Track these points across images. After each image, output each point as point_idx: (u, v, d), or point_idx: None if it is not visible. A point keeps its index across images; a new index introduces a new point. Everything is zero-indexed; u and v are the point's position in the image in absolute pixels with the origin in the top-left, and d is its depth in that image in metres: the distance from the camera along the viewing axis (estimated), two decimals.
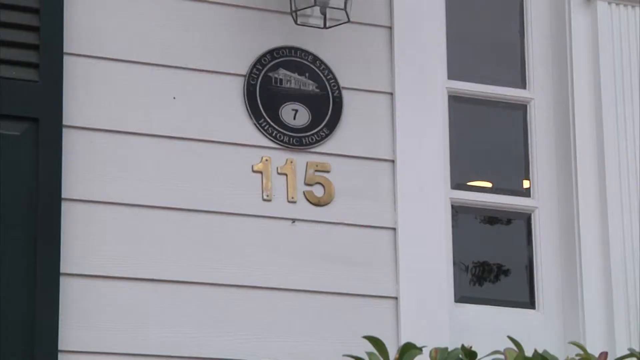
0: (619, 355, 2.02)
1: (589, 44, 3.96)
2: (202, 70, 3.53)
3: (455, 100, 3.88)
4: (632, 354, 1.83)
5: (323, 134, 3.60)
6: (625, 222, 3.83)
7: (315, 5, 3.48)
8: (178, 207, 3.42)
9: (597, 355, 1.81)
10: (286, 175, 3.54)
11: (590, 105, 3.90)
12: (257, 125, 3.53)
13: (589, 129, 3.88)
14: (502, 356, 1.79)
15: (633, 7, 3.95)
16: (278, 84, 3.58)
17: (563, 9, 3.99)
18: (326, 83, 3.63)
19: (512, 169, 4.02)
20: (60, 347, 3.19)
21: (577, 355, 1.80)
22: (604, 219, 3.82)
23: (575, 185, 3.85)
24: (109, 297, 3.31)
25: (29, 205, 3.27)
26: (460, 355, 1.91)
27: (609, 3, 3.94)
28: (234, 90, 3.55)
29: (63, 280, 3.24)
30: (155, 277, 3.35)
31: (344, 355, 2.57)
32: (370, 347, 1.80)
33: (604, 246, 3.81)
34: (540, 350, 1.79)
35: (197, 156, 3.48)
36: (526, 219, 3.93)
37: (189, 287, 3.38)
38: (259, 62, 3.58)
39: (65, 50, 3.36)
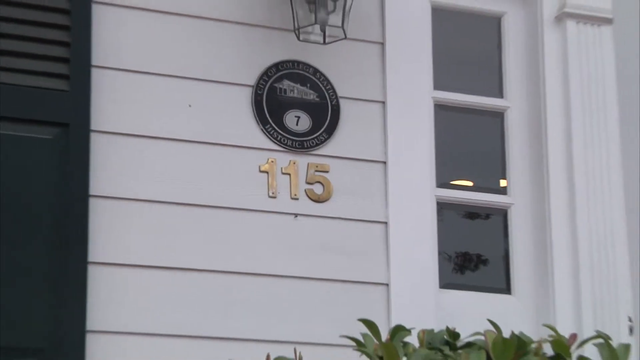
0: (586, 336, 2.01)
1: (559, 58, 3.97)
2: (215, 81, 3.52)
3: (440, 109, 3.88)
4: (599, 335, 1.82)
5: (322, 138, 3.59)
6: (592, 217, 3.83)
7: (315, 23, 3.49)
8: (193, 203, 3.42)
9: (567, 336, 1.80)
10: (289, 175, 3.54)
11: (560, 112, 3.91)
12: (264, 130, 3.52)
13: (559, 134, 3.89)
14: (482, 337, 1.78)
15: (598, 25, 3.98)
16: (282, 94, 3.58)
17: (536, 27, 4.01)
18: (325, 93, 3.63)
19: (491, 169, 4.00)
20: (87, 328, 3.20)
21: (549, 336, 1.79)
22: (573, 214, 3.82)
23: (547, 184, 3.87)
24: (131, 283, 3.31)
25: (60, 200, 3.27)
26: (445, 336, 1.89)
27: (577, 22, 3.96)
28: (243, 99, 3.54)
29: (90, 268, 3.25)
30: (172, 265, 3.36)
31: (340, 336, 2.53)
32: (365, 329, 1.80)
33: (573, 239, 3.81)
34: (516, 332, 1.78)
35: (210, 158, 3.48)
36: (503, 214, 3.93)
37: (202, 274, 3.38)
38: (266, 74, 3.58)
39: (92, 63, 3.37)
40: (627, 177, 3.81)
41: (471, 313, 3.55)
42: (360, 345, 1.68)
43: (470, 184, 3.97)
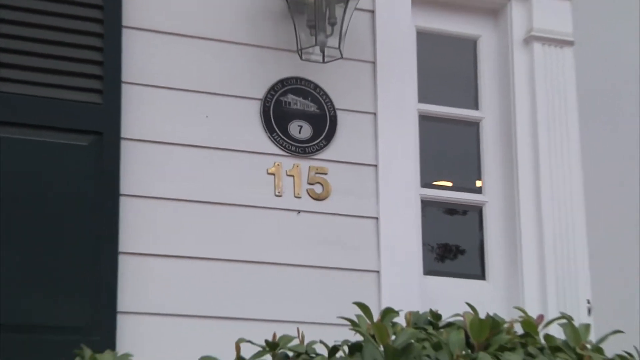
0: (551, 317, 2.00)
1: (527, 76, 3.98)
2: (229, 95, 3.52)
3: (424, 119, 3.89)
4: (563, 316, 1.82)
5: (322, 144, 3.59)
6: (555, 213, 3.84)
7: (315, 45, 3.51)
8: (209, 201, 3.42)
9: (535, 317, 1.79)
10: (293, 176, 3.54)
11: (528, 123, 3.93)
12: (271, 138, 3.52)
13: (527, 141, 3.91)
14: (461, 318, 1.77)
15: (561, 47, 3.99)
16: (287, 106, 3.58)
17: (507, 48, 4.02)
18: (324, 105, 3.63)
19: (468, 171, 4.00)
20: (118, 309, 3.22)
21: (520, 317, 1.77)
22: (538, 211, 3.84)
23: (516, 184, 3.88)
24: (156, 270, 3.32)
25: (94, 198, 3.27)
26: (429, 317, 1.87)
27: (543, 44, 3.96)
28: (253, 110, 3.54)
29: (121, 257, 3.26)
30: (191, 255, 3.36)
31: (337, 317, 2.53)
32: (359, 311, 1.80)
33: (539, 232, 3.83)
34: (491, 314, 1.77)
35: (224, 161, 3.47)
36: (478, 210, 3.94)
37: (217, 263, 3.39)
38: (272, 89, 3.57)
39: (122, 79, 3.38)
40: (586, 178, 3.82)
41: (451, 297, 3.55)
42: (354, 325, 1.67)
43: (450, 184, 3.97)
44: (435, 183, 3.90)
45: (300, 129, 3.58)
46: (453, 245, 3.97)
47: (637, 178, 3.96)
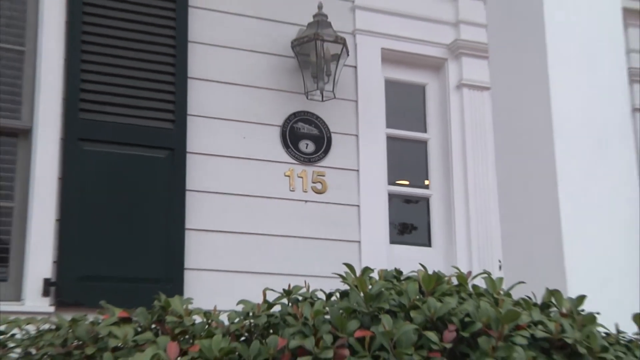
0: (476, 273, 1.89)
1: (459, 110, 3.93)
2: (259, 123, 3.53)
3: (390, 139, 3.88)
4: (484, 272, 1.75)
5: (321, 156, 3.58)
6: (477, 202, 3.82)
7: (317, 89, 3.55)
8: (246, 194, 3.43)
9: (465, 272, 1.70)
10: (302, 177, 3.53)
11: (459, 142, 3.90)
12: (287, 152, 3.53)
13: (458, 154, 3.89)
14: (416, 274, 1.72)
15: (481, 91, 3.90)
16: (297, 130, 3.57)
17: (445, 91, 3.98)
18: (323, 130, 3.62)
19: (420, 175, 3.97)
20: (185, 266, 3.22)
21: (455, 273, 1.70)
22: (466, 200, 3.83)
23: (451, 183, 3.87)
24: (210, 241, 3.32)
25: (169, 192, 3.27)
26: (394, 273, 1.82)
27: (469, 89, 3.94)
28: (275, 133, 3.55)
29: (187, 232, 3.27)
30: (234, 230, 3.37)
31: (332, 273, 2.49)
32: (346, 269, 1.77)
33: (466, 215, 3.81)
34: (436, 270, 1.70)
35: (256, 167, 3.47)
36: (427, 200, 3.93)
37: (252, 236, 3.39)
38: (288, 119, 3.57)
39: (188, 113, 3.38)
40: (500, 178, 3.86)
41: (408, 259, 3.56)
42: (344, 279, 1.63)
43: (407, 182, 3.96)
44: (397, 182, 3.89)
45: (307, 146, 3.58)
46: (409, 223, 3.95)
47: (539, 176, 3.90)
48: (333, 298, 1.63)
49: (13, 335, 1.64)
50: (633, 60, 4.15)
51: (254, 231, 3.40)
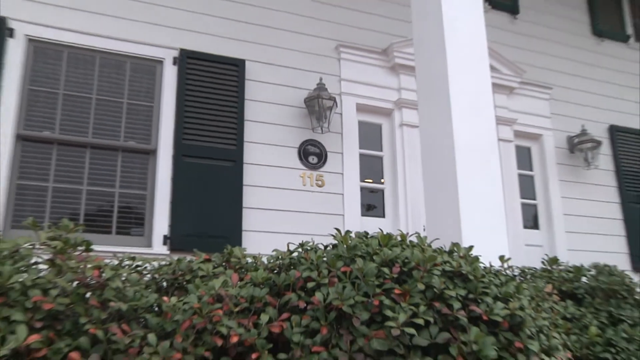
0: (411, 233, 1.67)
1: (400, 139, 3.68)
2: (285, 146, 3.51)
3: (362, 156, 3.74)
4: (416, 232, 1.64)
5: (321, 165, 3.54)
6: (410, 191, 3.62)
7: (319, 126, 3.55)
8: (278, 187, 3.40)
9: (405, 233, 1.75)
10: (310, 178, 3.50)
11: (401, 157, 3.69)
12: (301, 163, 3.50)
13: (401, 164, 3.67)
14: (376, 234, 1.56)
15: (412, 128, 3.73)
16: (308, 150, 3.54)
17: (393, 129, 3.73)
18: (322, 150, 3.58)
19: (378, 175, 3.78)
20: (243, 229, 3.18)
21: (399, 233, 1.54)
22: (404, 190, 3.60)
23: (396, 180, 3.68)
24: (257, 215, 3.26)
25: (233, 187, 3.17)
26: (364, 234, 1.66)
27: (407, 127, 3.73)
28: (294, 152, 3.51)
29: (244, 210, 3.23)
30: (270, 208, 3.32)
31: (328, 233, 2.70)
32: (335, 231, 1.60)
33: (405, 199, 3.59)
34: (388, 232, 1.71)
35: (283, 172, 3.43)
36: (382, 191, 3.74)
37: (279, 212, 3.32)
38: (302, 143, 3.55)
39: (244, 140, 3.38)
40: (425, 177, 3.63)
41: (372, 225, 3.57)
42: (334, 237, 1.56)
43: (371, 180, 3.79)
44: (365, 180, 3.76)
45: (313, 159, 3.55)
46: (372, 204, 3.78)
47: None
48: (328, 248, 1.63)
49: (146, 267, 1.69)
50: (497, 111, 4.09)
51: (282, 209, 3.39)
